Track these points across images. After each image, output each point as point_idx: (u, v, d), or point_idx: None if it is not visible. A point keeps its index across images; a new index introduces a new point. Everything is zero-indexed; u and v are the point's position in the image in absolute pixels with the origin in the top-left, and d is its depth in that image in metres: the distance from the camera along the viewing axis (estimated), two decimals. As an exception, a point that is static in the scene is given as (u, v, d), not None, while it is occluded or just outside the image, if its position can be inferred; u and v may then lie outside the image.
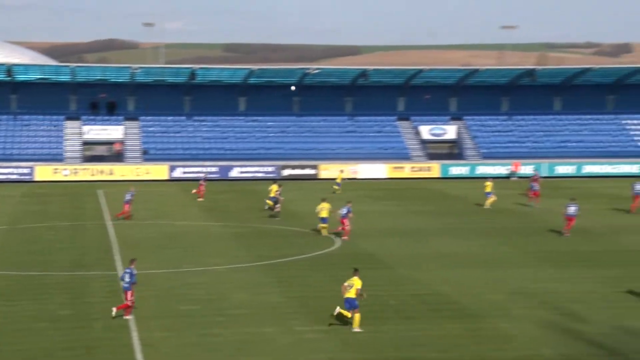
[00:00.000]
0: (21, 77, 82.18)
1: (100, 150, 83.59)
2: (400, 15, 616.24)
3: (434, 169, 78.08)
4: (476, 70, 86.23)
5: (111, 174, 75.00)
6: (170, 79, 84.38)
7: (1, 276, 31.59)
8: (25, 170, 74.08)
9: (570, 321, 24.85)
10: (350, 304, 24.13)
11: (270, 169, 76.56)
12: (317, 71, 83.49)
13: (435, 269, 32.90)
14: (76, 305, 26.93)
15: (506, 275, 31.74)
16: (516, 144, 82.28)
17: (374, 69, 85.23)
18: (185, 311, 26.07)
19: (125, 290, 25.21)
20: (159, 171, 75.17)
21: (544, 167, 77.16)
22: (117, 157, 79.72)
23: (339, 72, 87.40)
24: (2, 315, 25.77)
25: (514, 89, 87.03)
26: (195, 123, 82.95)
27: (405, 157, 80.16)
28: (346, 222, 40.59)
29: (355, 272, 25.10)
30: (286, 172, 76.34)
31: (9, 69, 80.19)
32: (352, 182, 70.76)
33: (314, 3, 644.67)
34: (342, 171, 70.54)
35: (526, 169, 75.60)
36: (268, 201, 49.99)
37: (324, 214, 41.81)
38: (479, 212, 51.82)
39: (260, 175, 75.91)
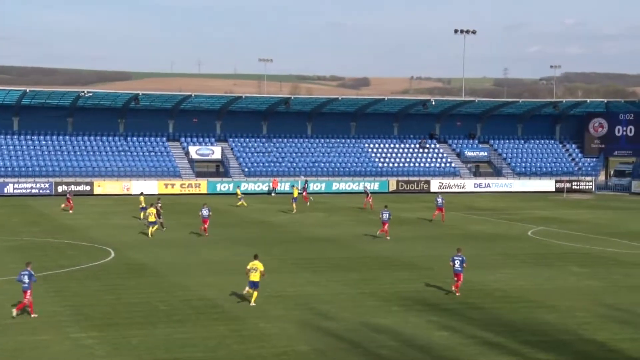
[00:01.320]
0: None
1: None
2: (167, 45, 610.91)
3: (202, 185, 77.96)
4: (239, 97, 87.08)
5: None
6: (-58, 98, 78.40)
7: None
8: None
9: (322, 320, 25.54)
10: (254, 285, 27.05)
11: (45, 185, 73.07)
12: (90, 94, 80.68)
13: (202, 276, 32.74)
14: None
15: (265, 280, 32.09)
16: (275, 164, 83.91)
17: (145, 94, 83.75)
18: (-41, 323, 24.19)
19: (25, 290, 25.13)
20: None
21: (299, 185, 79.14)
22: None
23: (111, 95, 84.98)
24: None
25: (272, 114, 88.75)
26: (-31, 141, 77.56)
27: (175, 174, 79.43)
28: (207, 222, 45.97)
29: (255, 257, 28.01)
30: (61, 189, 73.17)
31: None
32: (125, 198, 69.09)
33: (84, 31, 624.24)
34: (238, 187, 71.44)
35: (284, 186, 77.53)
36: (141, 213, 48.08)
37: (151, 218, 45.37)
38: (242, 223, 52.17)
39: (35, 191, 72.40)
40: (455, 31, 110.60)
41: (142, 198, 54.15)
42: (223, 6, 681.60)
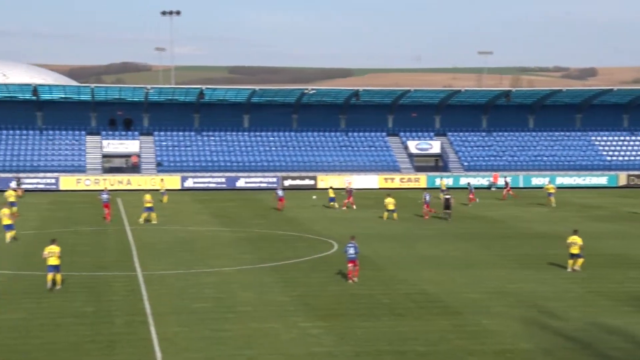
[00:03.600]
0: (46, 96, 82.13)
1: (118, 162, 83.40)
2: (388, 41, 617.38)
3: (422, 180, 78.18)
4: (458, 91, 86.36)
5: (129, 184, 74.92)
6: (181, 98, 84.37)
7: (29, 276, 31.51)
8: (51, 181, 73.98)
9: (546, 318, 24.73)
10: (573, 256, 31.76)
11: (272, 179, 76.52)
12: (313, 91, 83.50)
13: (421, 270, 32.81)
14: (98, 302, 26.76)
15: (484, 275, 31.62)
16: (495, 158, 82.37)
17: (365, 90, 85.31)
18: (198, 308, 25.93)
19: (352, 259, 29.70)
20: (172, 181, 75.04)
21: (521, 178, 77.27)
22: (134, 168, 79.56)
23: (333, 92, 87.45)
24: (30, 311, 25.63)
25: (491, 108, 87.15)
26: (204, 138, 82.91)
27: (395, 169, 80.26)
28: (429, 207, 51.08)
29: (575, 232, 32.25)
30: (287, 183, 76.33)
31: (35, 88, 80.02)
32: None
33: (310, 30, 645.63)
34: (442, 179, 72.88)
35: (502, 180, 75.85)
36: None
37: (390, 207, 49.43)
38: (460, 218, 51.68)
39: (263, 185, 76.03)
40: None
41: (331, 190, 59.56)
42: (442, 1, 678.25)
